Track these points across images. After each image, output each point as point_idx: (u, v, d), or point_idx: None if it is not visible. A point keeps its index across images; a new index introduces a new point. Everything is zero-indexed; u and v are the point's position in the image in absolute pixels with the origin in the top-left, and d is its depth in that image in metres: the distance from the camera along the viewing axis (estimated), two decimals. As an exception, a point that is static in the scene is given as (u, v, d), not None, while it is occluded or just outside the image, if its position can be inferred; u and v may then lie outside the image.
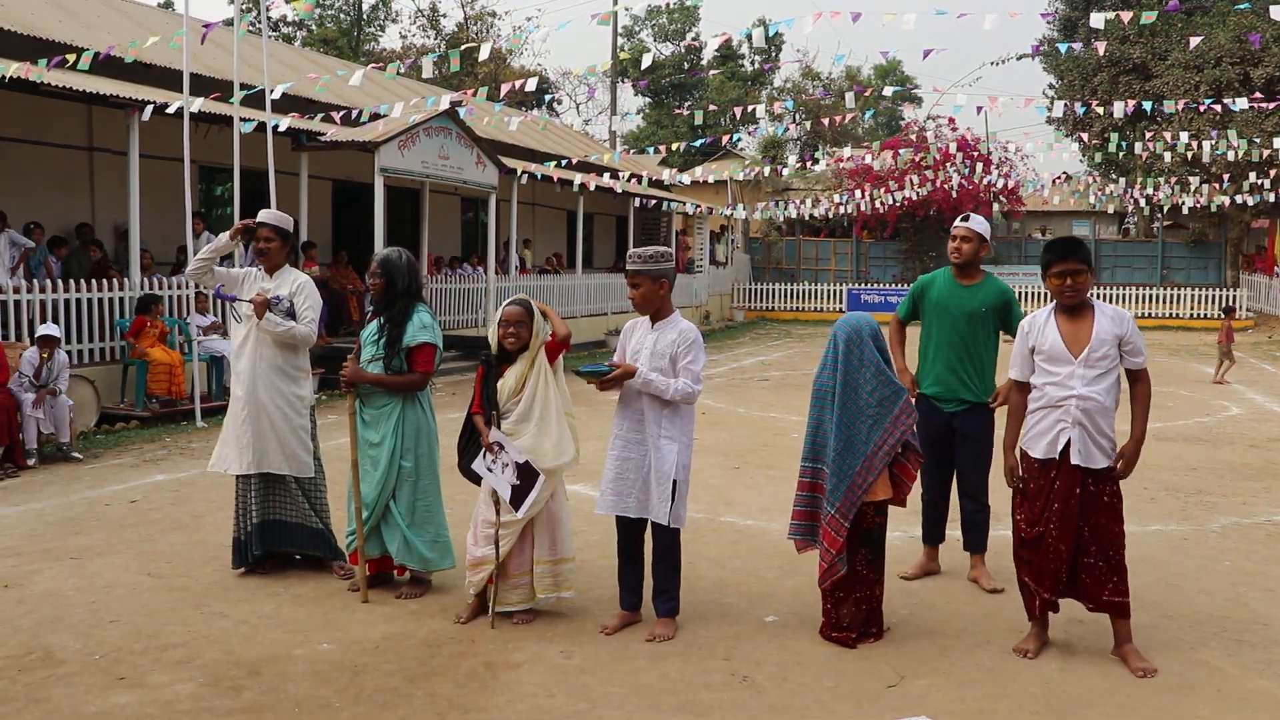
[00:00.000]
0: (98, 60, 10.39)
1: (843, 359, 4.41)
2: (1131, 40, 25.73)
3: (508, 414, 4.62)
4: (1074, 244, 4.32)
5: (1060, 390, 4.26)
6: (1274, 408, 12.11)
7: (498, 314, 4.68)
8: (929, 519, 5.48)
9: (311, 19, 40.50)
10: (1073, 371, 4.24)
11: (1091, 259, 4.33)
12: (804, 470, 4.55)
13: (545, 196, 22.17)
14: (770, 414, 11.33)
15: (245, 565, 5.34)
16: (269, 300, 5.17)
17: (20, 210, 11.49)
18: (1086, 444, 4.23)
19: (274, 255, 5.34)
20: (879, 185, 26.54)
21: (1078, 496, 4.25)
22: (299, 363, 5.37)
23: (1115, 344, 4.24)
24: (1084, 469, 4.24)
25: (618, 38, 37.44)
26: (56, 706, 3.78)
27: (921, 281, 5.60)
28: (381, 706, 3.81)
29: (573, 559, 4.79)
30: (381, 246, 12.79)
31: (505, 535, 4.61)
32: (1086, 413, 4.21)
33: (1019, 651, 4.37)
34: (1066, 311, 4.33)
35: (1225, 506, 7.13)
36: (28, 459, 8.00)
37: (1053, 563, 4.28)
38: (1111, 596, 4.26)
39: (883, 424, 4.36)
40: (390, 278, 5.05)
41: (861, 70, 46.87)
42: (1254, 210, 25.13)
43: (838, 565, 4.40)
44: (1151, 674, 4.16)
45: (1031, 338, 4.38)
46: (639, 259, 4.54)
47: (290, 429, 5.29)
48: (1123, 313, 4.32)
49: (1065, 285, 4.26)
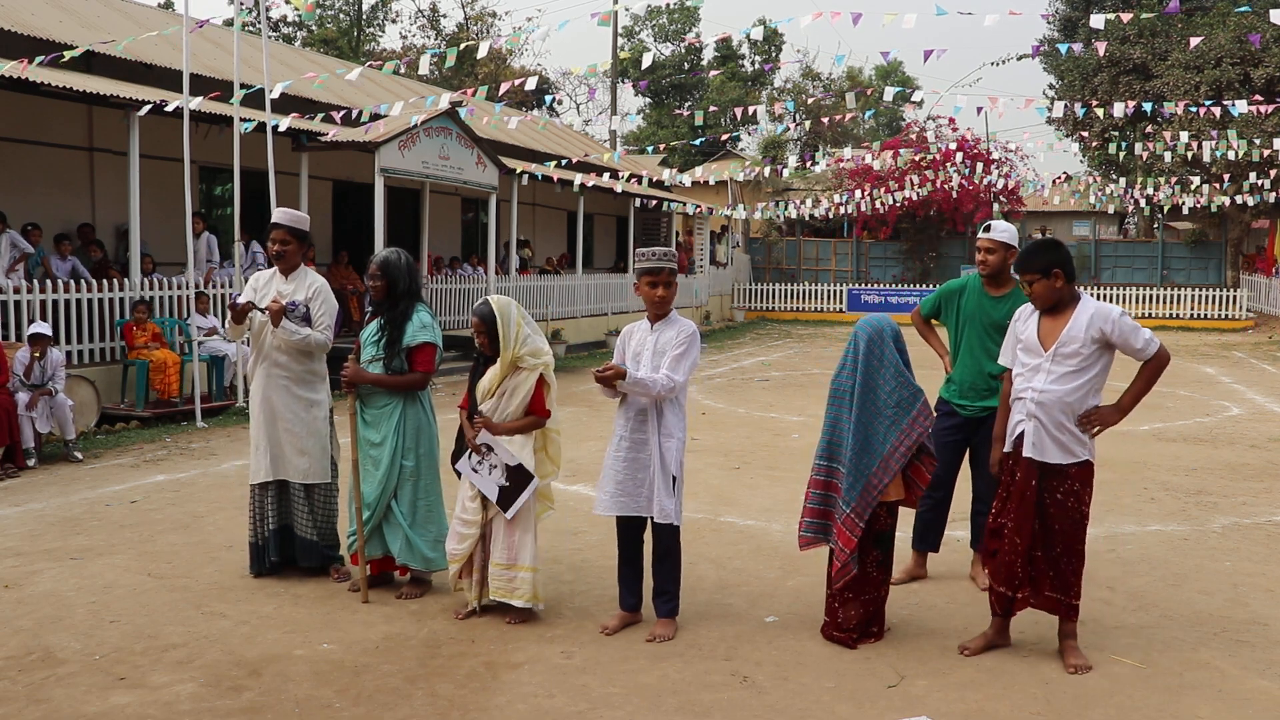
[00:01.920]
0: (95, 58, 10.38)
1: (863, 359, 4.41)
2: (1131, 40, 25.73)
3: (480, 414, 4.66)
4: (1033, 251, 4.28)
5: (1023, 383, 4.30)
6: (1274, 408, 12.11)
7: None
8: (925, 523, 5.39)
9: (311, 19, 40.50)
10: (1039, 365, 4.26)
11: (1063, 263, 4.23)
12: (818, 469, 4.55)
13: (545, 197, 22.17)
14: (771, 414, 11.33)
15: (263, 571, 5.28)
16: (285, 306, 5.09)
17: (20, 211, 11.48)
18: (1041, 438, 4.22)
19: (290, 257, 5.21)
20: (879, 185, 26.54)
21: (1034, 489, 4.25)
22: (315, 368, 5.30)
23: (1094, 342, 4.18)
24: (1041, 464, 4.24)
25: (618, 38, 37.43)
26: (57, 707, 3.78)
27: (951, 286, 5.49)
28: (382, 707, 3.81)
29: (531, 568, 4.64)
30: (382, 247, 12.80)
31: (471, 534, 4.68)
32: (1042, 406, 4.20)
33: (961, 648, 4.38)
34: (1051, 307, 4.33)
35: (1225, 506, 7.13)
36: (27, 459, 7.99)
37: (1008, 555, 4.29)
38: (1052, 593, 4.27)
39: (900, 425, 4.36)
40: (391, 280, 5.03)
41: (863, 71, 46.90)
42: (1254, 210, 25.12)
43: (850, 566, 4.40)
44: (1084, 670, 4.18)
45: (1018, 327, 4.41)
46: (659, 256, 4.54)
47: (310, 434, 5.24)
48: (1108, 310, 4.23)
49: (1028, 292, 4.31)
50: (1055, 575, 4.27)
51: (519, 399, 4.63)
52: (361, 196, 14.82)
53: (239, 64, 10.59)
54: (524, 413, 4.64)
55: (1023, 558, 4.27)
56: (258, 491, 5.30)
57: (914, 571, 5.45)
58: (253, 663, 4.19)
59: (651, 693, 3.96)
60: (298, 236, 5.22)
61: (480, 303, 4.68)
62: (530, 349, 4.62)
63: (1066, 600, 4.27)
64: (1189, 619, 4.85)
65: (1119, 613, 4.93)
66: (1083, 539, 4.29)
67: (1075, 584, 4.27)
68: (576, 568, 5.56)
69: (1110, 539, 6.25)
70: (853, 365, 4.45)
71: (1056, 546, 4.25)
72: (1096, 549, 6.01)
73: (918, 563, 5.48)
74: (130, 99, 10.76)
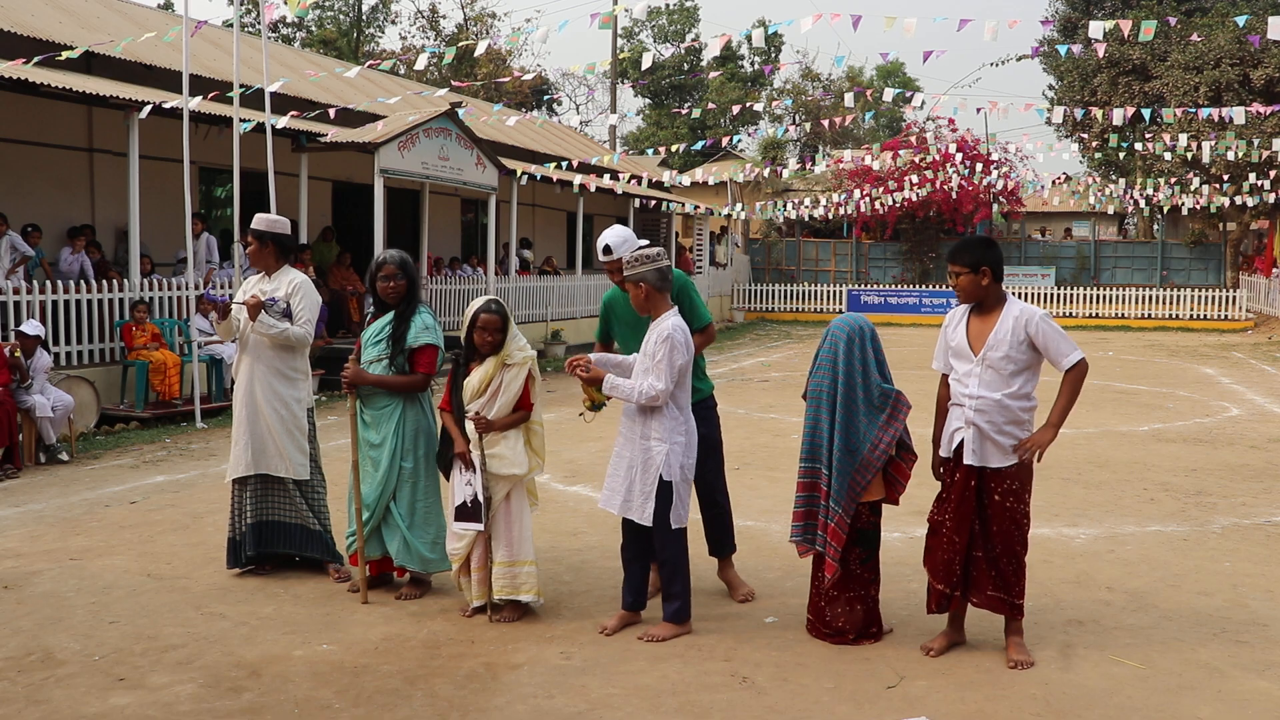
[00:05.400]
0: (95, 59, 10.38)
1: (843, 359, 4.41)
2: (1130, 42, 25.73)
3: (470, 412, 4.69)
4: (965, 245, 4.30)
5: (960, 388, 4.30)
6: (1274, 408, 12.10)
7: (470, 313, 4.68)
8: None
9: (311, 19, 40.52)
10: (970, 370, 4.26)
11: (993, 263, 4.23)
12: (802, 471, 4.56)
13: (545, 197, 22.17)
14: (770, 415, 11.33)
15: (239, 565, 5.35)
16: (263, 302, 5.16)
17: (20, 211, 11.48)
18: (981, 443, 4.23)
19: (255, 258, 5.34)
20: (878, 186, 26.54)
21: (973, 490, 4.27)
22: (297, 364, 5.36)
23: (1022, 346, 4.18)
24: (981, 468, 4.24)
25: (618, 38, 37.45)
26: (56, 708, 3.77)
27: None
28: (381, 707, 3.81)
29: (532, 562, 4.74)
30: (382, 247, 12.80)
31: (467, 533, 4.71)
32: (981, 412, 4.20)
33: (924, 649, 4.38)
34: (978, 309, 4.33)
35: (1225, 507, 7.13)
36: (39, 456, 8.04)
37: (946, 553, 4.30)
38: (995, 593, 4.28)
39: (877, 423, 4.37)
40: (411, 279, 5.09)
41: (864, 72, 46.91)
42: (1254, 211, 25.12)
43: (837, 565, 4.41)
44: (1026, 666, 4.19)
45: (948, 332, 4.41)
46: (633, 259, 4.50)
47: (287, 430, 5.28)
48: (1031, 312, 4.22)
49: (954, 284, 4.32)
50: (997, 575, 4.28)
51: (512, 394, 4.68)
52: (361, 197, 14.81)
53: (238, 64, 10.58)
54: (513, 408, 4.70)
55: (961, 556, 4.28)
56: (237, 487, 5.35)
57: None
58: (252, 663, 4.19)
59: (651, 693, 3.96)
60: (259, 238, 5.31)
61: (489, 301, 4.71)
62: (518, 344, 4.73)
63: (1010, 600, 4.29)
64: (1189, 619, 4.85)
65: (1119, 613, 4.93)
66: (1024, 539, 4.29)
67: (1017, 583, 4.28)
68: (576, 568, 5.56)
69: (1110, 539, 6.25)
70: (831, 365, 4.44)
71: (996, 547, 4.27)
72: (1096, 549, 6.02)
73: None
74: (130, 100, 10.76)
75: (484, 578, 4.73)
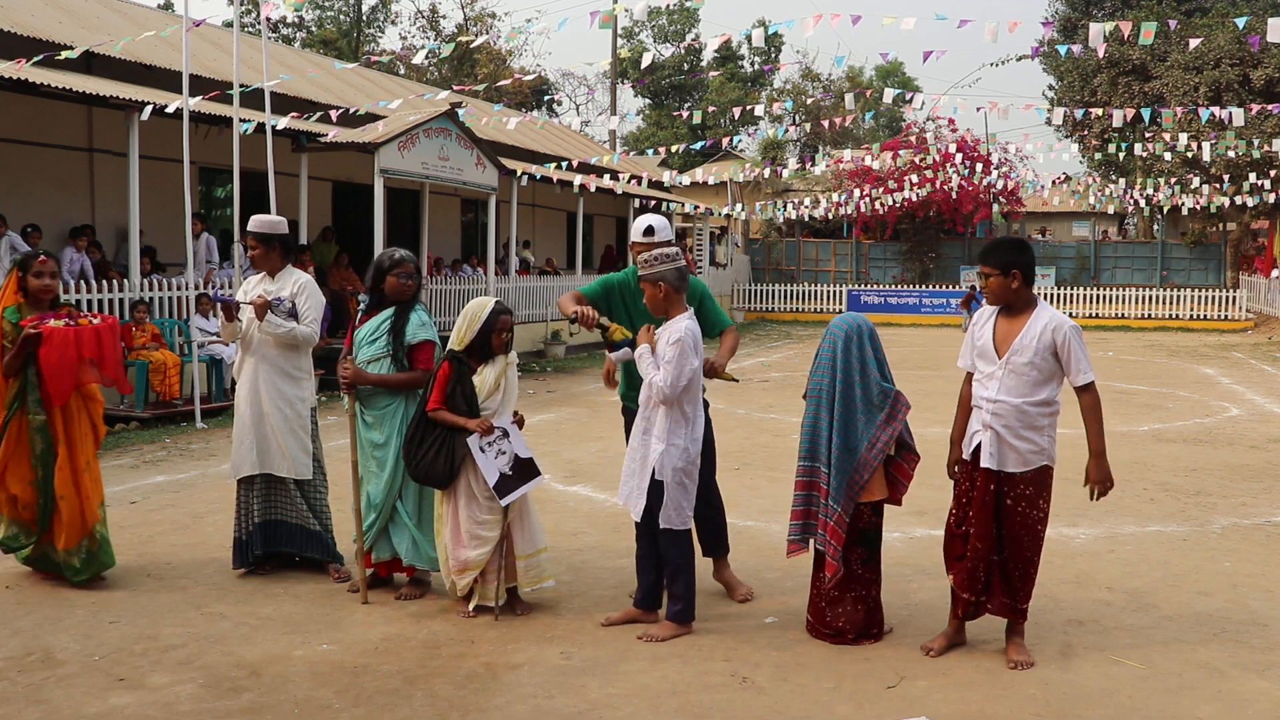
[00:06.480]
0: (95, 59, 10.39)
1: (841, 358, 4.41)
2: (1130, 42, 25.74)
3: (485, 411, 4.70)
4: (998, 246, 4.27)
5: (981, 390, 4.28)
6: (1274, 408, 12.11)
7: (483, 316, 4.70)
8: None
9: (311, 20, 40.53)
10: (993, 373, 4.24)
11: (1024, 266, 4.21)
12: (801, 470, 4.56)
13: (545, 198, 22.17)
14: (770, 415, 11.33)
15: (246, 565, 5.34)
16: (270, 302, 5.17)
17: (20, 211, 11.48)
18: (999, 447, 4.21)
19: (259, 260, 5.34)
20: (878, 186, 26.54)
21: (992, 495, 4.25)
22: (301, 364, 5.36)
23: (1048, 352, 4.16)
24: (999, 472, 4.23)
25: (618, 38, 37.45)
26: (56, 708, 3.77)
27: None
28: (381, 707, 3.81)
29: (546, 549, 4.94)
30: (382, 248, 12.79)
31: (492, 536, 4.68)
32: (999, 416, 4.19)
33: (924, 649, 4.38)
34: (1007, 311, 4.31)
35: (1225, 507, 7.13)
36: None
37: (970, 560, 4.29)
38: (1002, 598, 4.28)
39: (875, 422, 4.37)
40: (421, 277, 5.15)
41: (864, 72, 46.91)
42: (1254, 211, 25.13)
43: (838, 566, 4.41)
44: (1026, 666, 4.19)
45: (975, 331, 4.40)
46: (652, 259, 4.47)
47: (291, 430, 5.28)
48: (1061, 320, 4.19)
49: (983, 285, 4.30)
50: (1006, 580, 4.27)
51: (514, 391, 4.85)
52: (361, 197, 14.81)
53: (238, 64, 10.59)
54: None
55: (985, 563, 4.27)
56: (242, 486, 5.35)
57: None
58: (252, 663, 4.19)
59: (651, 694, 3.96)
60: (263, 241, 5.31)
61: (498, 303, 4.80)
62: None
63: (1015, 604, 4.29)
64: (1189, 619, 4.85)
65: (1119, 613, 4.93)
66: (1036, 545, 4.27)
67: (1024, 589, 4.28)
68: (576, 568, 5.55)
69: (1110, 539, 6.25)
70: (830, 364, 4.44)
71: (1008, 551, 4.26)
72: (1096, 549, 6.02)
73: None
74: (130, 100, 10.76)
75: (496, 575, 4.72)
